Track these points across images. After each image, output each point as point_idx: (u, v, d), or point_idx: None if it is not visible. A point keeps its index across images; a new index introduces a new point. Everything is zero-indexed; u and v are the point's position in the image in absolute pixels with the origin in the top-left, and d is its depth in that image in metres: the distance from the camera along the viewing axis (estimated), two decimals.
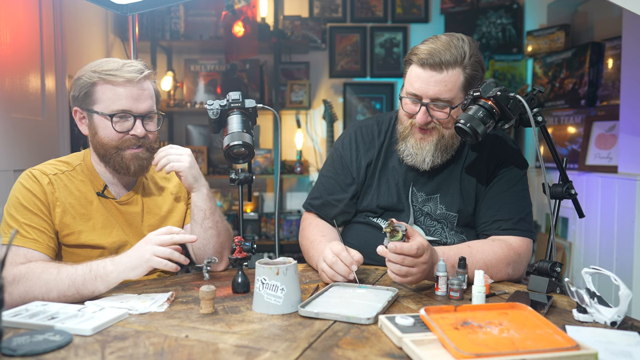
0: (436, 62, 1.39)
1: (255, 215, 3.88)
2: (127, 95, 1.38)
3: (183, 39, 3.78)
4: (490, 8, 3.84)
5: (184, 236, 1.27)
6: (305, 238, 1.59)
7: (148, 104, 1.42)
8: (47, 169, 1.40)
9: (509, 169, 1.53)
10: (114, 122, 1.38)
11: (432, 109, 1.44)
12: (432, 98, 1.42)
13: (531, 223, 1.50)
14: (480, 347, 0.89)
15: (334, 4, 4.01)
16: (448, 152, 1.51)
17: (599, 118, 2.89)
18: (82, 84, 1.39)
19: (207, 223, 1.47)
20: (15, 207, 1.34)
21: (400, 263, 1.20)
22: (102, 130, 1.40)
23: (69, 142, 2.78)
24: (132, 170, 1.41)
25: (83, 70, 1.41)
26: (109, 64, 1.39)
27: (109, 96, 1.38)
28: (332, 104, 3.85)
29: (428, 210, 1.55)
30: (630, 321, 1.11)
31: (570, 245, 2.89)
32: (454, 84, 1.41)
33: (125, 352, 0.91)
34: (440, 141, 1.48)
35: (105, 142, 1.40)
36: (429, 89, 1.41)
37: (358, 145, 1.62)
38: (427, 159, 1.49)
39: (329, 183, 1.64)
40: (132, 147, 1.41)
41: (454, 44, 1.40)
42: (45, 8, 2.56)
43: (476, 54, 1.43)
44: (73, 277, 1.21)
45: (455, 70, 1.40)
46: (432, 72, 1.40)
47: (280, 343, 0.96)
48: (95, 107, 1.39)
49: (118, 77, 1.36)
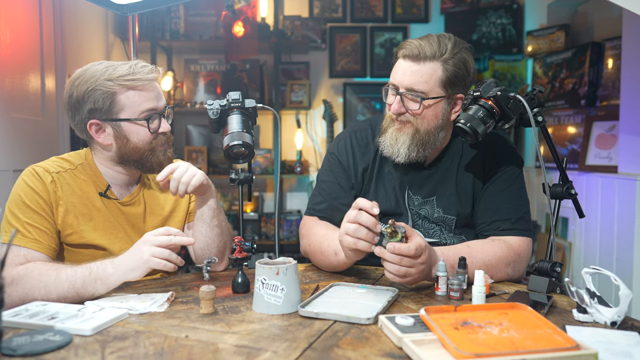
0: (414, 54, 1.41)
1: (255, 215, 3.88)
2: (150, 96, 1.39)
3: (183, 39, 3.78)
4: (490, 8, 3.84)
5: (182, 238, 1.26)
6: (312, 235, 1.52)
7: (164, 99, 1.45)
8: (50, 167, 1.39)
9: (505, 168, 1.52)
10: (150, 124, 1.39)
11: (405, 98, 1.44)
12: (407, 88, 1.43)
13: (529, 222, 1.50)
14: (480, 347, 0.89)
15: (334, 4, 4.01)
16: (426, 148, 1.48)
17: (599, 118, 2.89)
18: (103, 95, 1.35)
19: (214, 222, 1.47)
20: (18, 205, 1.33)
21: (398, 263, 1.20)
22: (135, 136, 1.39)
23: (69, 142, 2.79)
24: (164, 166, 1.41)
25: (93, 82, 1.35)
26: (119, 69, 1.36)
27: (135, 100, 1.37)
28: (332, 104, 3.85)
29: (425, 213, 1.55)
30: (630, 321, 1.11)
31: (570, 245, 2.89)
32: (430, 76, 1.41)
33: (125, 352, 0.91)
34: (415, 135, 1.46)
35: (140, 146, 1.40)
36: (405, 78, 1.43)
37: (354, 149, 1.60)
38: (402, 150, 1.47)
39: (331, 188, 1.59)
40: (162, 144, 1.43)
41: (439, 40, 1.42)
42: (45, 8, 2.56)
43: (462, 54, 1.43)
44: (72, 279, 1.21)
45: (434, 63, 1.41)
46: (410, 63, 1.42)
47: (280, 343, 0.96)
48: (121, 114, 1.37)
49: (138, 80, 1.36)
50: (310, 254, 1.55)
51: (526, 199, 1.52)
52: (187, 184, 1.37)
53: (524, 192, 1.53)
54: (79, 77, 1.37)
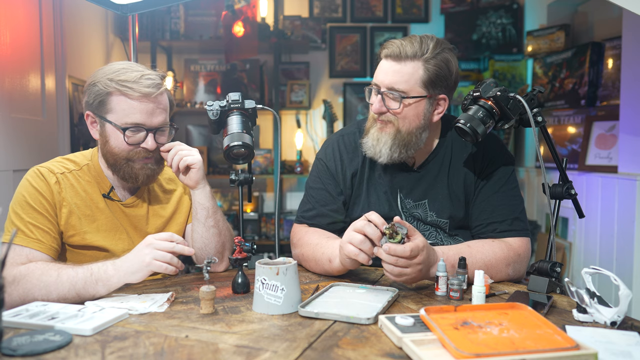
0: (396, 54, 1.41)
1: (255, 215, 3.88)
2: (141, 110, 1.36)
3: (183, 39, 3.78)
4: (490, 8, 3.84)
5: (183, 248, 1.26)
6: (305, 244, 1.51)
7: (162, 117, 1.40)
8: (54, 167, 1.39)
9: (497, 168, 1.51)
10: (126, 135, 1.36)
11: (387, 97, 1.44)
12: (388, 87, 1.43)
13: (526, 221, 1.49)
14: (480, 347, 0.89)
15: (334, 4, 4.01)
16: (409, 149, 1.47)
17: (599, 118, 2.89)
18: (98, 92, 1.36)
19: (209, 222, 1.47)
20: (21, 205, 1.33)
21: (393, 264, 1.20)
22: (114, 141, 1.38)
23: (69, 142, 2.78)
24: (140, 180, 1.41)
25: (98, 76, 1.37)
26: (127, 73, 1.36)
27: (124, 108, 1.35)
28: (332, 104, 3.85)
29: (418, 216, 1.54)
30: (630, 321, 1.11)
31: (570, 245, 2.89)
32: (410, 76, 1.41)
33: (125, 352, 0.91)
34: (397, 136, 1.45)
35: (116, 152, 1.38)
36: (386, 78, 1.43)
37: (342, 154, 1.59)
38: (384, 151, 1.46)
39: (319, 194, 1.58)
40: (141, 159, 1.40)
41: (421, 40, 1.42)
42: (45, 8, 2.56)
43: (444, 54, 1.42)
44: (74, 280, 1.21)
45: (415, 62, 1.40)
46: (392, 63, 1.43)
47: (280, 343, 0.96)
48: (108, 116, 1.37)
49: (135, 90, 1.34)
50: (303, 262, 1.53)
51: (520, 198, 1.52)
52: (182, 157, 1.41)
53: (518, 191, 1.52)
54: (99, 69, 1.40)
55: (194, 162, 1.42)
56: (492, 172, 1.51)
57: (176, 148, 1.43)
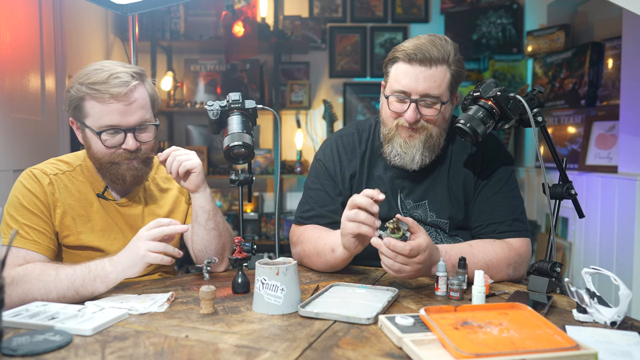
0: (425, 58, 1.37)
1: (255, 215, 3.88)
2: (113, 111, 1.32)
3: (183, 39, 3.78)
4: (490, 8, 3.84)
5: (174, 227, 1.25)
6: (306, 240, 1.51)
7: (138, 115, 1.35)
8: (47, 169, 1.39)
9: (496, 168, 1.51)
10: (102, 139, 1.33)
11: (421, 105, 1.41)
12: (422, 94, 1.39)
13: (526, 222, 1.49)
14: (480, 347, 0.89)
15: (334, 4, 4.01)
16: (435, 152, 1.48)
17: (599, 118, 2.89)
18: (71, 98, 1.34)
19: (210, 224, 1.46)
20: (15, 208, 1.33)
21: (392, 259, 1.20)
22: (94, 145, 1.36)
23: (69, 142, 2.79)
24: (127, 181, 1.39)
25: (73, 80, 1.35)
26: (96, 74, 1.32)
27: (96, 111, 1.33)
28: (332, 104, 3.85)
29: (418, 217, 1.53)
30: (630, 321, 1.11)
31: (570, 245, 2.89)
32: (442, 80, 1.39)
33: (125, 352, 0.91)
34: (428, 140, 1.44)
35: (99, 156, 1.37)
36: (419, 84, 1.38)
37: (340, 155, 1.58)
38: (417, 157, 1.45)
39: (318, 195, 1.57)
40: (125, 160, 1.37)
41: (437, 42, 1.39)
42: (45, 8, 2.56)
43: (458, 54, 1.43)
44: (72, 278, 1.21)
45: (443, 67, 1.39)
46: (421, 68, 1.38)
47: (280, 343, 0.96)
48: (86, 121, 1.35)
49: (103, 92, 1.30)
50: (305, 258, 1.52)
51: (520, 199, 1.52)
52: (181, 162, 1.39)
53: (517, 192, 1.52)
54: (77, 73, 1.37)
55: (194, 167, 1.40)
56: (492, 173, 1.51)
57: (173, 154, 1.40)
